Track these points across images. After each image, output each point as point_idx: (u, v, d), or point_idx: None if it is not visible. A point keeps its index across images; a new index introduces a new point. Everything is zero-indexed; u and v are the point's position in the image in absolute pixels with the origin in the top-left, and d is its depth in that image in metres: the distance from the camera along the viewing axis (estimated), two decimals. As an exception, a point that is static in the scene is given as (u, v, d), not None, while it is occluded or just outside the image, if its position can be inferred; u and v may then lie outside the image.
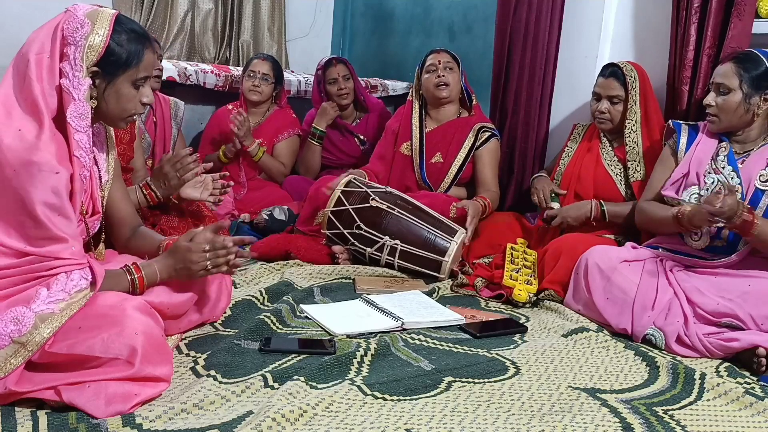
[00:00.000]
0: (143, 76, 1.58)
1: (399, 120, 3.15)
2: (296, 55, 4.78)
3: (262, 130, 3.49)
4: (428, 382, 1.66)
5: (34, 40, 1.48)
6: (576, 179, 2.73)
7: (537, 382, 1.71)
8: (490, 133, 3.01)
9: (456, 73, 3.01)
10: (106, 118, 1.61)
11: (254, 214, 3.05)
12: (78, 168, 1.50)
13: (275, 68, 3.52)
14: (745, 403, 1.66)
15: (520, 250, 2.60)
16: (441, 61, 2.98)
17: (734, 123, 2.18)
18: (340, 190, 2.67)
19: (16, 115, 1.44)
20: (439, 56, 3.00)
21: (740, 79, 2.13)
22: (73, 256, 1.45)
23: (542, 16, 3.08)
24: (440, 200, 2.81)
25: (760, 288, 2.01)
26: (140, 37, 1.55)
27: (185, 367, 1.66)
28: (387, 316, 2.07)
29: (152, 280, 1.63)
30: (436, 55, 3.01)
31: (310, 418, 1.44)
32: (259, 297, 2.17)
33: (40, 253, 1.42)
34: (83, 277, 1.46)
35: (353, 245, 2.63)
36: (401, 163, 3.08)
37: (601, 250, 2.25)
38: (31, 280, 1.43)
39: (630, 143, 2.62)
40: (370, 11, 4.81)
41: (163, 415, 1.41)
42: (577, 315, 2.21)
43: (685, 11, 2.62)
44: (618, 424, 1.52)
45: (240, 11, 4.50)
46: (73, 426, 1.35)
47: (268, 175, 3.50)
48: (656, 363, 1.85)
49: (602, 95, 2.66)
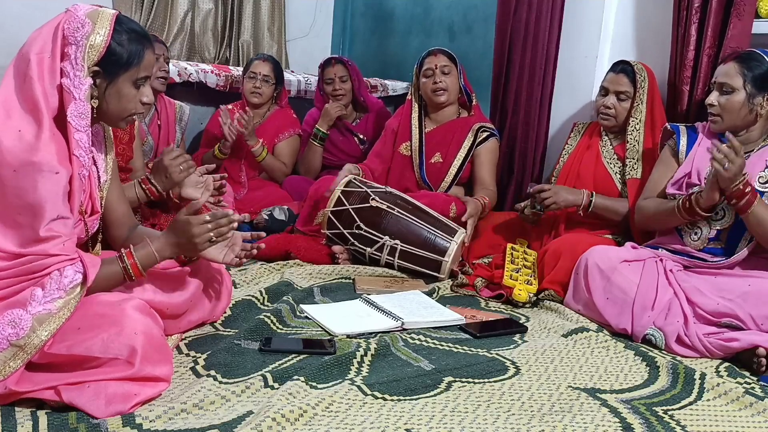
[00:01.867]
0: (144, 75, 1.58)
1: (399, 119, 3.15)
2: (296, 55, 4.78)
3: (262, 130, 3.49)
4: (428, 382, 1.66)
5: (35, 40, 1.48)
6: (575, 176, 2.72)
7: (537, 382, 1.71)
8: (489, 132, 3.01)
9: (453, 75, 2.98)
10: (107, 117, 1.61)
11: (254, 214, 3.05)
12: (77, 167, 1.50)
13: (276, 69, 3.53)
14: (745, 403, 1.66)
15: (520, 250, 2.60)
16: (437, 65, 2.96)
17: (737, 123, 2.18)
18: (340, 190, 2.67)
19: (15, 115, 1.44)
20: (436, 59, 2.97)
21: (744, 78, 2.13)
22: (63, 251, 1.44)
23: (542, 16, 3.08)
24: (440, 200, 2.81)
25: (760, 288, 2.01)
26: (141, 37, 1.56)
27: (185, 367, 1.66)
28: (387, 316, 2.07)
29: (149, 262, 1.59)
30: (432, 59, 2.98)
31: (310, 418, 1.44)
32: (259, 297, 2.17)
33: (31, 253, 1.42)
34: (77, 271, 1.45)
35: (353, 245, 2.63)
36: (400, 163, 3.08)
37: (601, 250, 2.25)
38: (24, 281, 1.42)
39: (631, 141, 2.62)
40: (370, 11, 4.81)
41: (163, 415, 1.41)
42: (577, 315, 2.21)
43: (685, 11, 2.62)
44: (618, 424, 1.52)
45: (240, 11, 4.50)
46: (73, 426, 1.35)
47: (269, 175, 3.50)
48: (656, 363, 1.85)
49: (610, 90, 2.65)
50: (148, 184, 2.23)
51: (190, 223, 1.60)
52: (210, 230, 1.61)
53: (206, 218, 1.61)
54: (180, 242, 1.61)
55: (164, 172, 2.22)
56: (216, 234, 1.62)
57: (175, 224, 1.63)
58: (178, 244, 1.62)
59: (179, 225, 1.61)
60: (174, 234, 1.62)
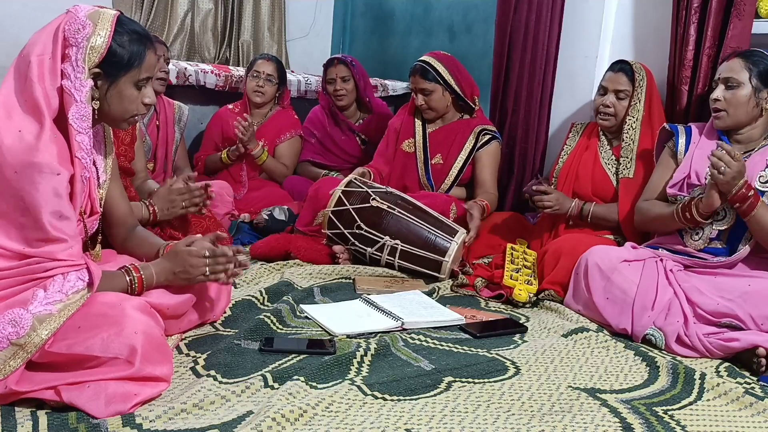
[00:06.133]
0: (145, 76, 1.58)
1: (401, 118, 3.15)
2: (296, 55, 4.79)
3: (264, 130, 3.49)
4: (428, 382, 1.66)
5: (36, 42, 1.48)
6: (574, 177, 2.72)
7: (537, 382, 1.71)
8: (491, 135, 3.00)
9: (436, 92, 2.92)
10: (109, 119, 1.61)
11: (254, 214, 3.05)
12: (79, 169, 1.50)
13: (279, 69, 3.53)
14: (745, 403, 1.66)
15: (520, 250, 2.60)
16: (417, 88, 2.94)
17: (742, 118, 2.18)
18: (340, 190, 2.67)
19: (16, 116, 1.44)
20: (415, 80, 2.94)
21: (749, 73, 2.15)
22: (71, 257, 1.45)
23: (542, 16, 3.08)
24: (440, 200, 2.81)
25: (760, 288, 2.01)
26: (142, 37, 1.56)
27: (185, 367, 1.66)
28: (387, 316, 2.07)
29: (149, 282, 1.63)
30: (413, 79, 2.95)
31: (310, 418, 1.44)
32: (259, 297, 2.17)
33: (37, 254, 1.42)
34: (80, 278, 1.45)
35: (354, 245, 2.63)
36: (402, 160, 3.09)
37: (601, 250, 2.25)
38: (27, 282, 1.42)
39: (627, 140, 2.62)
40: (370, 11, 4.81)
41: (163, 415, 1.41)
42: (577, 315, 2.21)
43: (685, 11, 2.62)
44: (618, 424, 1.52)
45: (240, 11, 4.51)
46: (73, 426, 1.35)
47: (270, 176, 3.50)
48: (656, 363, 1.85)
49: (609, 89, 2.65)
50: (152, 207, 2.23)
51: (190, 254, 1.65)
52: (207, 266, 1.66)
53: (205, 253, 1.65)
54: (176, 271, 1.65)
55: (169, 204, 2.22)
56: (211, 271, 1.67)
57: (175, 253, 1.66)
58: (174, 273, 1.66)
59: (179, 255, 1.65)
60: (172, 262, 1.66)
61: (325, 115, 3.66)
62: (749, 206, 2.02)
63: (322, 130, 3.64)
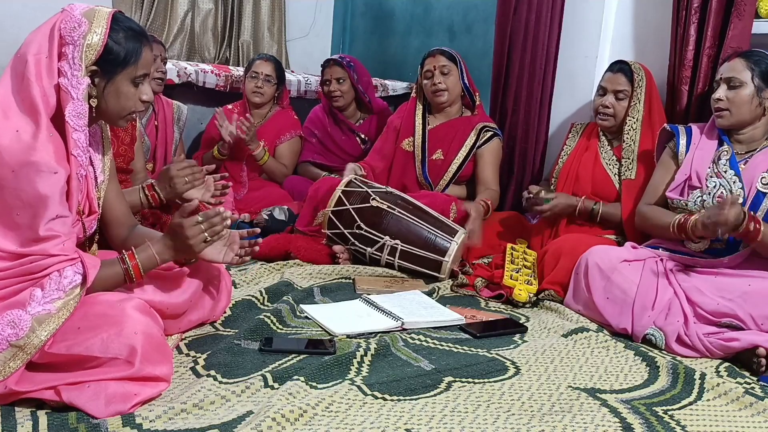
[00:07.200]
0: (142, 73, 1.57)
1: (401, 116, 3.15)
2: (296, 55, 4.78)
3: (263, 130, 3.49)
4: (428, 382, 1.66)
5: (32, 42, 1.48)
6: (574, 178, 2.72)
7: (537, 382, 1.71)
8: (493, 132, 3.01)
9: (454, 75, 2.99)
10: (106, 117, 1.61)
11: (254, 214, 3.05)
12: (75, 167, 1.50)
13: (278, 69, 3.53)
14: (745, 403, 1.66)
15: (520, 250, 2.60)
16: (437, 66, 2.97)
17: (745, 117, 2.19)
18: (340, 189, 2.67)
19: (13, 116, 1.43)
20: (435, 60, 2.98)
21: (752, 72, 2.16)
22: (63, 251, 1.44)
23: (542, 16, 3.08)
24: (440, 200, 2.81)
25: (760, 288, 2.01)
26: (138, 34, 1.55)
27: (185, 367, 1.66)
28: (387, 316, 2.07)
29: (150, 264, 1.60)
30: (431, 60, 2.99)
31: (310, 418, 1.44)
32: (259, 297, 2.17)
33: (31, 253, 1.42)
34: (76, 272, 1.45)
35: (354, 245, 2.63)
36: (402, 159, 3.09)
37: (601, 250, 2.25)
38: (24, 282, 1.42)
39: (627, 140, 2.62)
40: (370, 11, 4.81)
41: (163, 415, 1.41)
42: (577, 315, 2.21)
43: (685, 11, 2.62)
44: (618, 424, 1.52)
45: (240, 11, 4.51)
46: (73, 426, 1.35)
47: (270, 177, 3.50)
48: (656, 363, 1.85)
49: (608, 89, 2.66)
50: (151, 191, 2.21)
51: (182, 225, 1.60)
52: (203, 230, 1.62)
53: (198, 219, 1.61)
54: (176, 245, 1.62)
55: (169, 182, 2.20)
56: (210, 233, 1.63)
57: (170, 230, 1.63)
58: (175, 247, 1.62)
59: (173, 228, 1.62)
60: (171, 239, 1.62)
61: (326, 115, 3.65)
62: (753, 237, 2.00)
63: (323, 130, 3.64)
